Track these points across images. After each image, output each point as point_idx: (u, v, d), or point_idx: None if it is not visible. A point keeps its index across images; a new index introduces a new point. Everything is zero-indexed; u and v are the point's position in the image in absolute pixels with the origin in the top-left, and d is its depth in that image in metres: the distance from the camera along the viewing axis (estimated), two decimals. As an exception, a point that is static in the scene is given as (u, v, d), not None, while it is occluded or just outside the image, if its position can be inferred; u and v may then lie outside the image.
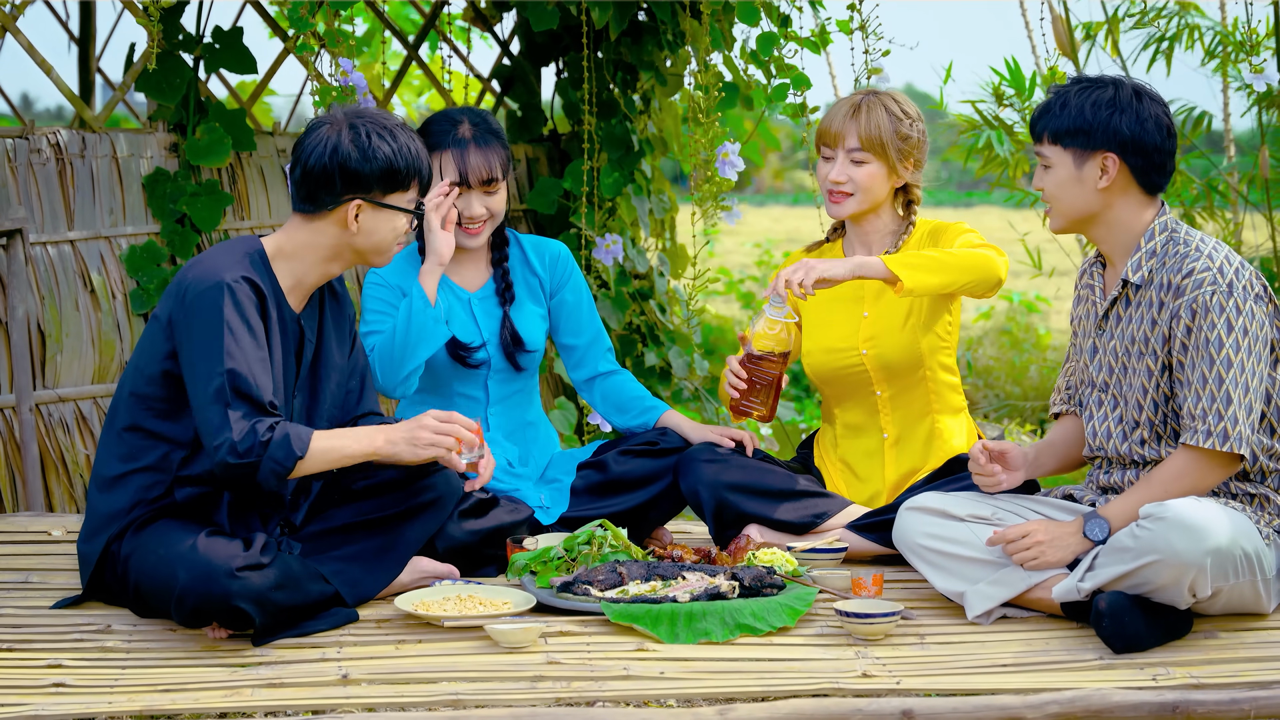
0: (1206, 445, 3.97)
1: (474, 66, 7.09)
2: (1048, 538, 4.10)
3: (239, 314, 3.97)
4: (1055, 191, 4.17)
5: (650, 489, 4.80)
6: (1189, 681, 3.67)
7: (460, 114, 4.80)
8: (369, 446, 4.07)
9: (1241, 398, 3.96)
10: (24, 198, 5.50)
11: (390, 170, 4.09)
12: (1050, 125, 4.14)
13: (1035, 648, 3.92)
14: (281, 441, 3.93)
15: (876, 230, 4.89)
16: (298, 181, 4.11)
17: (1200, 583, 3.86)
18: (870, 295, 4.85)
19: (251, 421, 3.91)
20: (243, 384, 3.92)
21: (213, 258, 4.06)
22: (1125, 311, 4.18)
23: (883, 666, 3.79)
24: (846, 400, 4.92)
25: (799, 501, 4.73)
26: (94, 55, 8.48)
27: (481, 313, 4.90)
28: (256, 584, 3.89)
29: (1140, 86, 4.13)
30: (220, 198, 5.83)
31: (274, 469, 3.93)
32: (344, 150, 4.05)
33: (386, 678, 3.71)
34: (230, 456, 3.89)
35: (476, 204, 4.77)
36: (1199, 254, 4.05)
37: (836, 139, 4.80)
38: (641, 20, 6.57)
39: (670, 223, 7.08)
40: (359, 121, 4.10)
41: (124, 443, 4.11)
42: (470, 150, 4.74)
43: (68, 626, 4.04)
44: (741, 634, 4.00)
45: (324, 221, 4.11)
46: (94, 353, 5.65)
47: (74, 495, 5.55)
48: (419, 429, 4.09)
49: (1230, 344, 3.97)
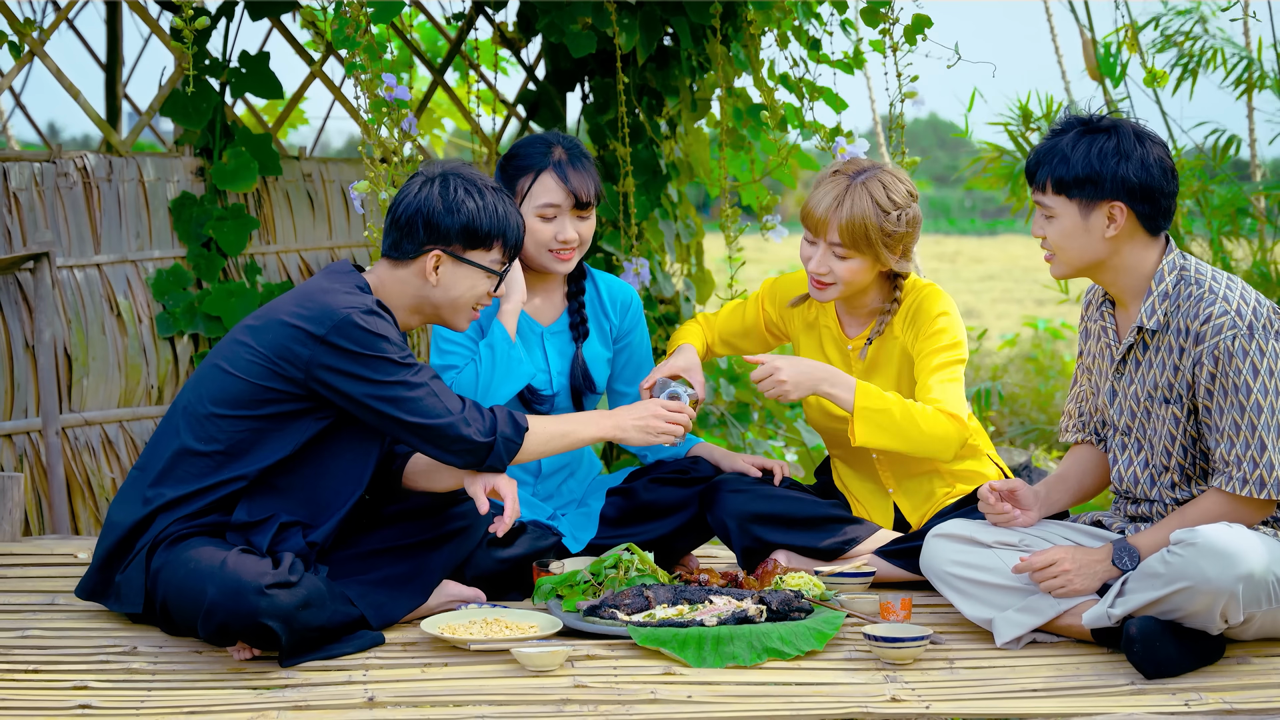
0: (1244, 493, 3.94)
1: (499, 92, 7.09)
2: (1074, 566, 4.07)
3: (384, 327, 4.07)
4: (1060, 241, 4.09)
5: (678, 517, 4.77)
6: (1222, 707, 3.64)
7: (554, 137, 4.77)
8: (597, 431, 4.34)
9: (1275, 441, 3.92)
10: (51, 221, 5.51)
11: (472, 226, 4.16)
12: (1054, 175, 4.05)
13: (1065, 673, 3.89)
14: (507, 417, 4.14)
15: (863, 306, 4.76)
16: (387, 227, 4.22)
17: (1232, 609, 3.83)
18: (861, 369, 4.75)
19: (470, 402, 4.12)
20: (426, 372, 4.09)
21: (332, 291, 4.10)
22: (1144, 356, 4.13)
23: (912, 691, 3.76)
24: (844, 454, 4.89)
25: (827, 528, 4.70)
26: (120, 80, 8.51)
27: (553, 349, 4.86)
28: (284, 602, 3.88)
29: (1139, 129, 4.06)
30: (246, 222, 5.84)
31: (507, 444, 4.13)
32: (431, 201, 4.16)
33: (412, 700, 3.69)
34: (467, 431, 4.07)
35: (570, 227, 4.71)
36: (1214, 296, 3.99)
37: (818, 228, 4.58)
38: (667, 45, 6.58)
39: (696, 248, 7.07)
40: (450, 176, 4.20)
41: (190, 463, 4.12)
42: (570, 170, 4.70)
43: (93, 648, 4.03)
44: (769, 658, 3.97)
45: (407, 270, 4.20)
46: (120, 377, 5.66)
47: (99, 519, 5.55)
48: (652, 418, 4.36)
49: (1259, 388, 3.92)
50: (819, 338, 4.84)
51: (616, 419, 4.35)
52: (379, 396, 4.05)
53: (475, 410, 4.12)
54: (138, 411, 5.68)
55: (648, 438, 4.33)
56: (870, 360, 4.74)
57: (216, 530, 4.10)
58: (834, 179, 4.60)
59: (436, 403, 4.08)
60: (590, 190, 4.71)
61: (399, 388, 4.05)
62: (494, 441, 4.12)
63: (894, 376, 4.73)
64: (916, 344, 4.67)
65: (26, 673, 3.85)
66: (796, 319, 4.88)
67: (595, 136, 6.72)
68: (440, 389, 4.09)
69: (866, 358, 4.74)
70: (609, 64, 6.66)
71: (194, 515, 4.08)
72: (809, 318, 4.86)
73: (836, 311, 4.82)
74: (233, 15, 5.92)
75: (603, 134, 6.64)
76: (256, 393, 4.07)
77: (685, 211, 7.03)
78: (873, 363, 4.75)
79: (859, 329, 4.79)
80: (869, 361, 4.74)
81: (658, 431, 4.34)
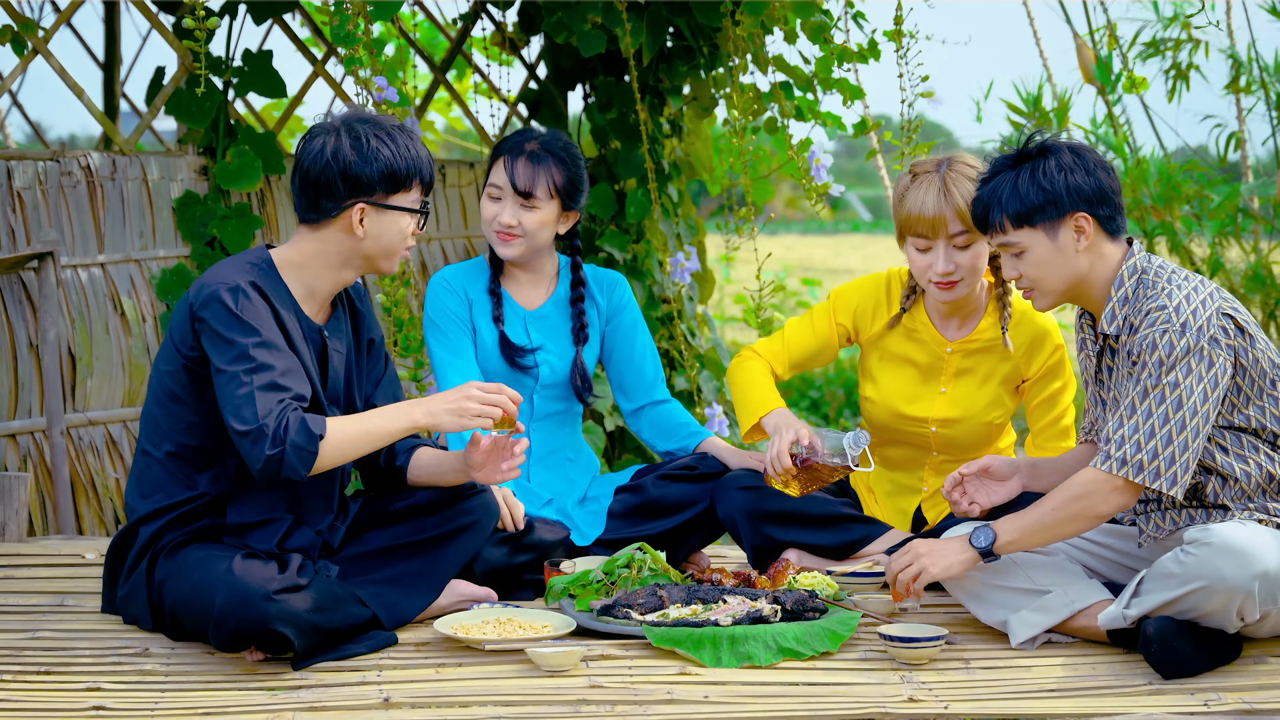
0: (1119, 472, 3.91)
1: (499, 91, 7.07)
2: (926, 549, 4.10)
3: (253, 312, 3.93)
4: (1037, 272, 4.08)
5: (687, 513, 4.76)
6: (1242, 707, 3.63)
7: (538, 132, 4.85)
8: (407, 421, 4.00)
9: (1163, 434, 3.88)
10: (54, 220, 5.49)
11: (391, 171, 4.05)
12: (1008, 212, 4.04)
13: (1082, 673, 3.88)
14: (300, 426, 3.86)
15: (968, 304, 4.72)
16: (298, 190, 4.07)
17: (1249, 607, 3.82)
18: (950, 371, 4.74)
19: (274, 410, 3.86)
20: (269, 375, 3.88)
21: (218, 268, 4.04)
22: (1113, 362, 4.15)
23: (929, 691, 3.75)
24: (894, 451, 4.85)
25: (838, 528, 4.69)
26: (118, 80, 8.48)
27: (536, 330, 4.91)
28: (294, 607, 3.85)
29: (1068, 142, 4.08)
30: (250, 220, 5.82)
31: (299, 454, 3.85)
32: (343, 155, 4.02)
33: (429, 701, 3.67)
34: (259, 448, 3.83)
35: (509, 213, 4.77)
36: (1162, 294, 3.98)
37: (934, 226, 4.51)
38: (669, 45, 6.56)
39: (700, 247, 7.05)
40: (357, 125, 4.06)
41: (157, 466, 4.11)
42: (522, 160, 4.76)
43: (105, 650, 4.00)
44: (785, 658, 3.96)
45: (330, 229, 4.08)
46: (124, 376, 5.64)
47: (104, 519, 5.52)
48: (464, 399, 4.00)
49: (1169, 381, 3.89)
50: (902, 340, 4.77)
51: (427, 405, 4.00)
52: (219, 376, 3.91)
53: (276, 419, 3.85)
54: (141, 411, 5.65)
55: (462, 421, 3.99)
56: (961, 367, 4.73)
57: (212, 534, 4.08)
58: (924, 179, 4.55)
59: (248, 409, 3.85)
60: (533, 183, 4.74)
61: (230, 380, 3.88)
62: (282, 452, 3.84)
63: (985, 402, 4.72)
64: (1031, 369, 4.72)
65: (39, 674, 3.82)
66: (875, 324, 4.80)
67: (597, 136, 6.71)
68: (261, 397, 3.86)
69: (960, 364, 4.73)
70: (611, 63, 6.65)
71: (181, 522, 4.06)
72: (887, 321, 4.80)
73: (927, 311, 4.76)
74: (236, 14, 5.89)
75: (605, 133, 6.63)
76: (178, 378, 4.03)
77: (687, 211, 7.02)
78: (965, 369, 4.73)
79: (956, 333, 4.73)
80: (959, 367, 4.73)
81: (473, 414, 3.98)
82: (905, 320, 4.76)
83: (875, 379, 4.78)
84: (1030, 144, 4.09)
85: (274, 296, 4.01)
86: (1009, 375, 4.71)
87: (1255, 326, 4.02)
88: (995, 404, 4.72)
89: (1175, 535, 4.09)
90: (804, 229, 30.13)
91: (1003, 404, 4.73)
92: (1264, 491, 4.03)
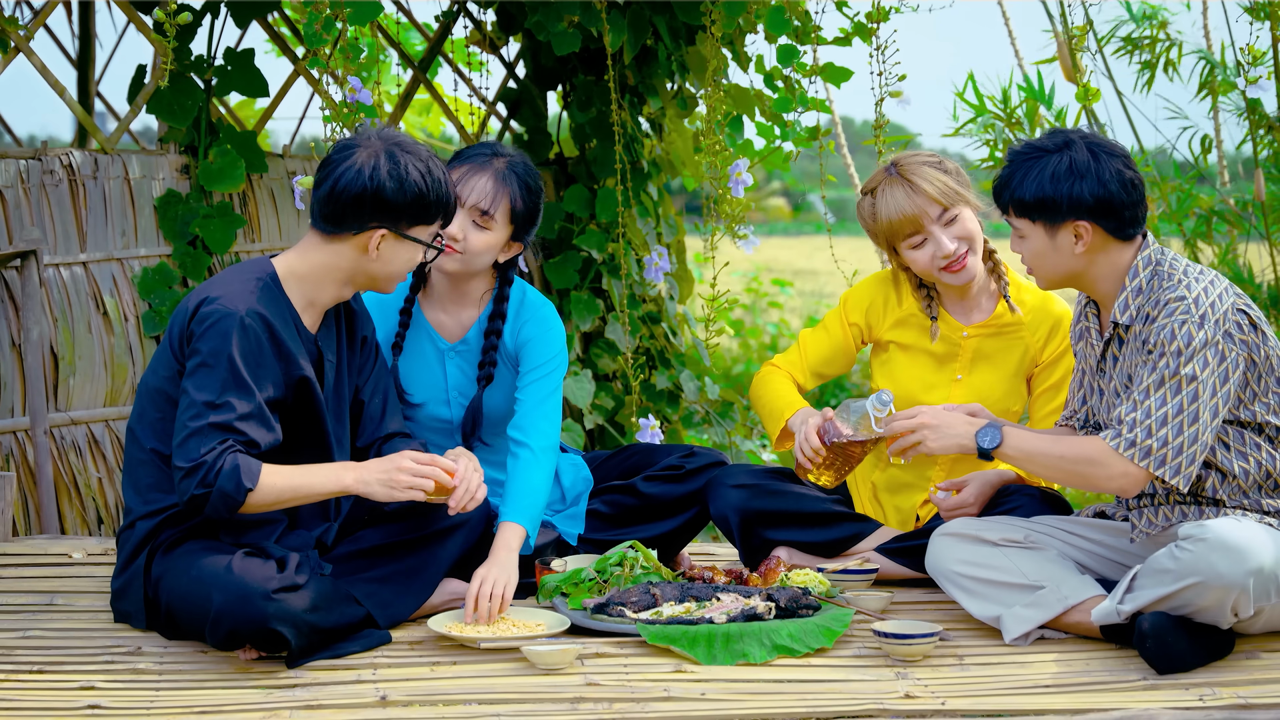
0: (1126, 453, 3.93)
1: (478, 90, 7.06)
2: (935, 422, 4.13)
3: (246, 349, 3.93)
4: (1034, 261, 4.14)
5: (674, 513, 4.76)
6: (1236, 702, 3.65)
7: (506, 150, 4.57)
8: (338, 484, 4.00)
9: (1184, 425, 3.91)
10: (37, 219, 5.46)
11: (421, 204, 4.05)
12: (1013, 199, 4.08)
13: (1076, 669, 3.89)
14: (231, 472, 3.86)
15: (979, 283, 4.73)
16: (324, 200, 4.03)
17: (1243, 603, 3.84)
18: (965, 359, 4.74)
19: (216, 450, 3.86)
20: (225, 416, 3.88)
21: (226, 285, 4.01)
22: (1120, 351, 4.16)
23: (924, 687, 3.76)
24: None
25: (829, 525, 4.70)
26: (93, 79, 8.43)
27: (453, 368, 4.67)
28: (292, 606, 3.84)
29: (1095, 142, 4.06)
30: (232, 220, 5.79)
31: (223, 499, 3.86)
32: (380, 178, 3.99)
33: (425, 699, 3.67)
34: (188, 483, 3.85)
35: (457, 224, 4.46)
36: (1180, 285, 4.00)
37: (918, 219, 4.57)
38: (648, 44, 6.57)
39: (678, 246, 7.05)
40: (398, 152, 4.03)
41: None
42: (471, 177, 4.49)
43: (97, 648, 3.98)
44: (780, 655, 3.97)
45: (344, 244, 4.06)
46: (106, 375, 5.61)
47: (86, 519, 5.50)
48: (397, 471, 4.01)
49: (1187, 372, 3.91)
50: (917, 330, 4.78)
51: (360, 472, 3.99)
52: (184, 396, 3.92)
53: (215, 459, 3.84)
54: (124, 411, 5.62)
55: (394, 493, 3.98)
56: (978, 351, 4.74)
57: (210, 531, 4.07)
58: (883, 187, 4.62)
59: (192, 443, 3.86)
60: (487, 200, 4.45)
61: (190, 406, 3.89)
62: (208, 494, 3.84)
63: (1001, 391, 4.72)
64: (1045, 353, 4.74)
65: (32, 674, 3.81)
66: (887, 319, 4.81)
67: (577, 135, 6.71)
68: (210, 434, 3.86)
69: (976, 348, 4.74)
70: (590, 62, 6.64)
71: (178, 519, 4.05)
72: (900, 314, 4.80)
73: (944, 304, 4.77)
74: (218, 13, 5.87)
75: (584, 133, 6.62)
76: (175, 383, 4.02)
77: (666, 210, 7.02)
78: (981, 355, 4.74)
79: (967, 318, 4.74)
80: (976, 351, 4.74)
81: (404, 486, 3.98)
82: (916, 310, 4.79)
83: (891, 370, 4.79)
84: (1055, 137, 4.08)
85: (275, 319, 4.00)
86: (1022, 360, 4.73)
87: (1266, 323, 4.04)
88: (1011, 393, 4.73)
89: (1168, 531, 4.12)
90: (769, 230, 30.28)
91: (1019, 394, 4.74)
92: (1259, 488, 4.05)
